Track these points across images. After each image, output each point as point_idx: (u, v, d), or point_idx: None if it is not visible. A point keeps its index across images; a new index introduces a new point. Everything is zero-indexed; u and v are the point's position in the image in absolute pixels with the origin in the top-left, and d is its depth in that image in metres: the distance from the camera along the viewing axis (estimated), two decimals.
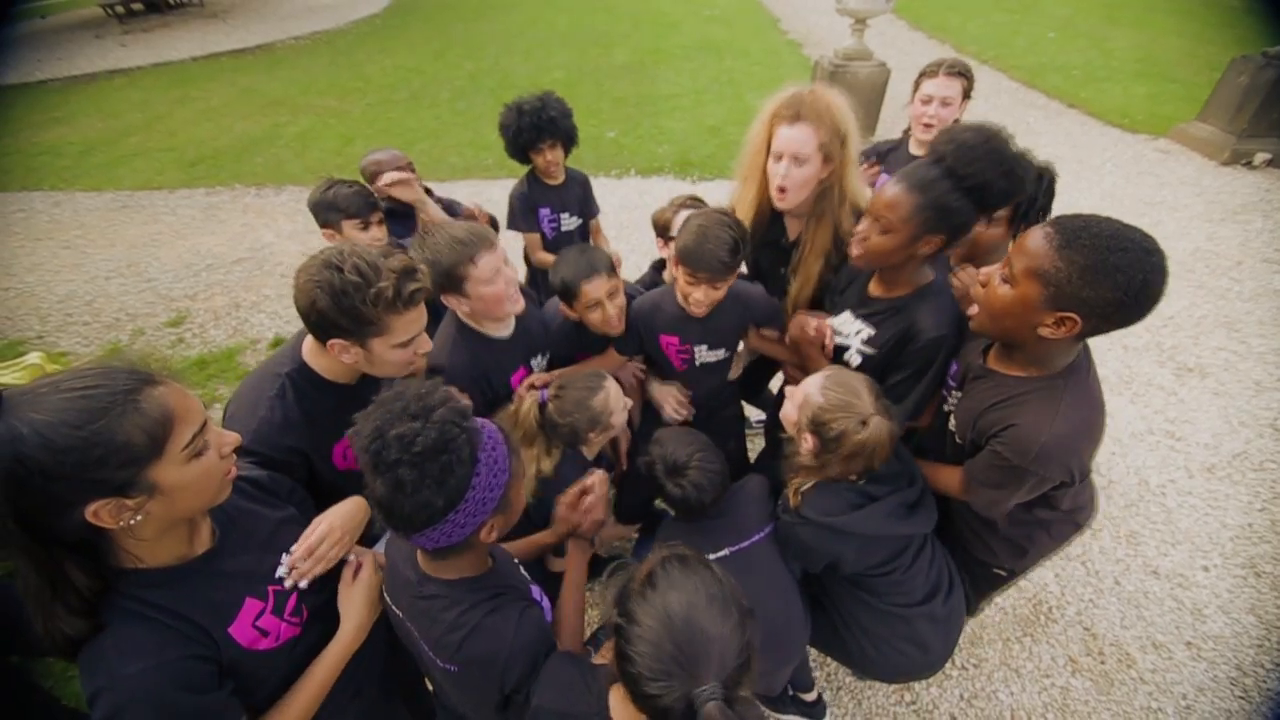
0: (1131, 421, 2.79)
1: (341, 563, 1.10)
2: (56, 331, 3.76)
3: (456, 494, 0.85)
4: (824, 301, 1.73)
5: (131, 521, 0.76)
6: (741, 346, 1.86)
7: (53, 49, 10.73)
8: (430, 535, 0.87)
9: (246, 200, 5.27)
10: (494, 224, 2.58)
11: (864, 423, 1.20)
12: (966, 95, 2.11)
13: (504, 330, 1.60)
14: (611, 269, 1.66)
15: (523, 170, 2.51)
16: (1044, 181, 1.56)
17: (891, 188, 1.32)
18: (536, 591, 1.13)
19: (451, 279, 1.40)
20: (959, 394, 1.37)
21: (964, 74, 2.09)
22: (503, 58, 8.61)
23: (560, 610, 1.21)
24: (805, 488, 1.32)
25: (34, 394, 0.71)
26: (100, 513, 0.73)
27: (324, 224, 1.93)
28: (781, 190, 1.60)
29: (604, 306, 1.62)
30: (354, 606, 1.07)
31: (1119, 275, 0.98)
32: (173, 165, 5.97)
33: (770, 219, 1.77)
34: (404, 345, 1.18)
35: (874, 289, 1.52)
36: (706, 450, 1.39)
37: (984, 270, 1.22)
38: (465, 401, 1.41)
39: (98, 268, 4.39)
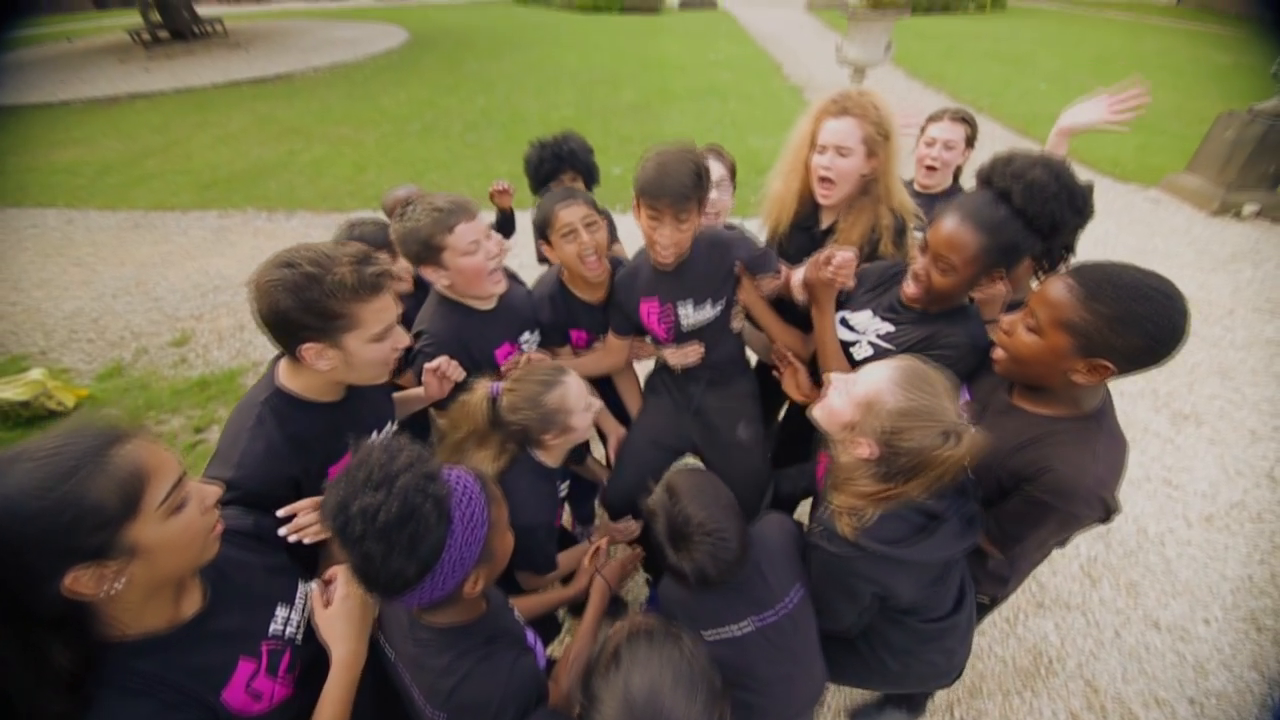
0: (1129, 468, 2.77)
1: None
2: (60, 348, 3.78)
3: (430, 558, 0.82)
4: (840, 295, 1.68)
5: (114, 589, 0.73)
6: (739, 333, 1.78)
7: (77, 71, 11.10)
8: (410, 598, 0.86)
9: (258, 224, 5.36)
10: (509, 220, 2.62)
11: (948, 435, 0.97)
12: (970, 143, 2.20)
13: (488, 304, 1.57)
14: (594, 204, 1.56)
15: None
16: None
17: (954, 226, 1.25)
18: (531, 637, 1.11)
19: (429, 249, 1.36)
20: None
21: (967, 121, 2.20)
22: (513, 94, 8.90)
23: (568, 651, 1.19)
24: (867, 521, 1.07)
25: None
26: (80, 580, 0.70)
27: None
28: (826, 181, 1.62)
29: (579, 234, 1.51)
30: (337, 630, 0.98)
31: (1147, 324, 1.00)
32: (187, 187, 6.09)
33: (808, 210, 1.78)
34: (379, 339, 1.12)
35: (909, 300, 1.48)
36: (727, 520, 1.13)
37: (1006, 319, 1.21)
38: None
39: (106, 285, 4.44)
